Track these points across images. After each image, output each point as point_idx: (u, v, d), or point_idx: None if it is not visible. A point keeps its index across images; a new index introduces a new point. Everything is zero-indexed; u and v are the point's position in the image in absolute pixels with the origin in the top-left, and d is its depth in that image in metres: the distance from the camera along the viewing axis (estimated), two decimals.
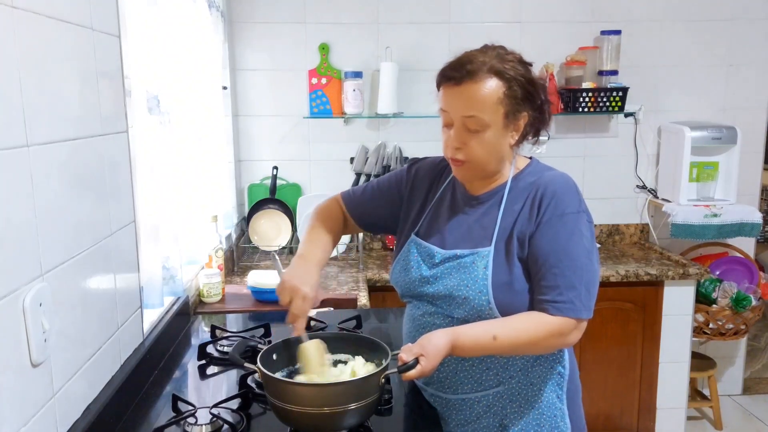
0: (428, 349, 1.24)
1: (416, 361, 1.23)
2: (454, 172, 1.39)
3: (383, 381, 1.23)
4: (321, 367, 1.32)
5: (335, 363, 1.38)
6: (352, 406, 1.18)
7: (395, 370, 1.23)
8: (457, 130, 1.31)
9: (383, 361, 1.27)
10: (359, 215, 1.58)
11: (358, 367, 1.32)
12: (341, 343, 1.41)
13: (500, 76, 1.28)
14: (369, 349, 1.37)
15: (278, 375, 1.31)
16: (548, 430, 1.39)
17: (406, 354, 1.24)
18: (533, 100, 1.33)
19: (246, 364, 1.29)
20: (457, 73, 1.28)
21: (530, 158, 1.45)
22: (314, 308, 1.40)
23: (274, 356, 1.35)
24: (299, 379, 1.30)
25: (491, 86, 1.28)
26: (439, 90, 1.35)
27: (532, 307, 1.32)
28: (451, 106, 1.31)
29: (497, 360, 1.38)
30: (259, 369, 1.24)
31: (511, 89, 1.29)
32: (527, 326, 1.29)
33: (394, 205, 1.54)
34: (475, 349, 1.30)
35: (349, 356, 1.40)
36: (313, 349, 1.33)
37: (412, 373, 1.22)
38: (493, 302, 1.31)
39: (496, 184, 1.40)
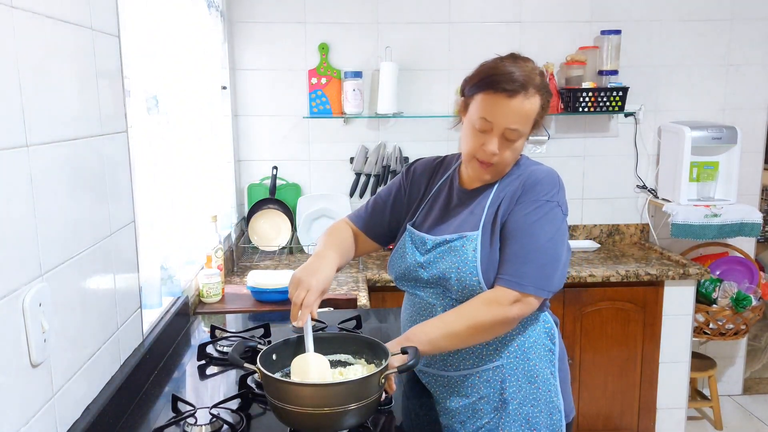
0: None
1: (416, 361, 1.25)
2: (480, 173, 1.43)
3: (383, 381, 1.23)
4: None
5: (335, 364, 1.37)
6: (352, 406, 1.18)
7: (395, 370, 1.23)
8: (497, 139, 1.37)
9: (383, 361, 1.27)
10: (370, 229, 1.63)
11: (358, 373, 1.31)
12: (341, 343, 1.41)
13: (541, 92, 1.36)
14: (369, 349, 1.37)
15: (278, 375, 1.31)
16: (544, 404, 1.44)
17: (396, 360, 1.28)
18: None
19: (246, 365, 1.29)
20: (510, 86, 1.33)
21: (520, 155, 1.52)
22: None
23: (274, 356, 1.35)
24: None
25: (536, 102, 1.36)
26: (471, 93, 1.39)
27: None
28: (496, 116, 1.35)
29: None
30: (259, 369, 1.24)
31: (544, 104, 1.39)
32: (470, 302, 1.36)
33: (400, 210, 1.60)
34: (433, 335, 1.34)
35: (350, 356, 1.40)
36: (314, 363, 1.30)
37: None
38: (483, 282, 1.38)
39: None
